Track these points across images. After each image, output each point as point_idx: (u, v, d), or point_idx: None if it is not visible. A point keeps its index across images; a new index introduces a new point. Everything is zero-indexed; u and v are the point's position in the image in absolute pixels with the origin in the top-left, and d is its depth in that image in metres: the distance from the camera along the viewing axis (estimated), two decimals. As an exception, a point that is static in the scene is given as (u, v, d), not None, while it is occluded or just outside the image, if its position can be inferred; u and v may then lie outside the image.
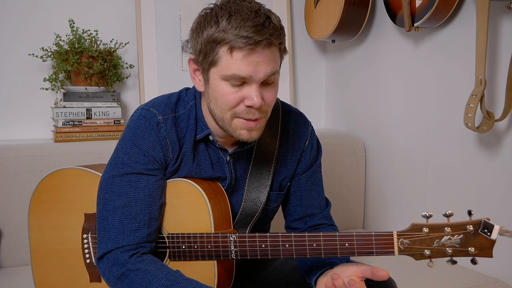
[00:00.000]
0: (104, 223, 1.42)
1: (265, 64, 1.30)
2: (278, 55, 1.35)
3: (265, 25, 1.27)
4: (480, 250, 1.22)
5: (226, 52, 1.29)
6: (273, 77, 1.34)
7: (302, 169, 1.61)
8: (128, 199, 1.41)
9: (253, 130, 1.37)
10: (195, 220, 1.45)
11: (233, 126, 1.37)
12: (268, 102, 1.36)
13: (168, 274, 1.34)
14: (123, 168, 1.43)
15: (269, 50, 1.29)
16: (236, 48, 1.27)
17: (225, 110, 1.36)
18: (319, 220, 1.63)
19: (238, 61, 1.28)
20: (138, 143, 1.43)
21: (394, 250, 1.27)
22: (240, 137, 1.38)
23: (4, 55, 2.45)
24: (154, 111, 1.46)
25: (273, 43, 1.29)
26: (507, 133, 1.90)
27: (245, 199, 1.55)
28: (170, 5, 2.64)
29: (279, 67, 1.38)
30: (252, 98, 1.31)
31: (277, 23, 1.31)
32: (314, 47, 3.01)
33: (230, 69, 1.29)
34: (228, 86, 1.32)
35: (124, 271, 1.36)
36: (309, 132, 1.61)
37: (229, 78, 1.31)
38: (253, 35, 1.26)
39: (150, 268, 1.36)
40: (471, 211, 1.21)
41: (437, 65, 2.19)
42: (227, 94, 1.33)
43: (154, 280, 1.33)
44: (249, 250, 1.39)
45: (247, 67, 1.28)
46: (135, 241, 1.39)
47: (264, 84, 1.34)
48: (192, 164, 1.49)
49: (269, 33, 1.27)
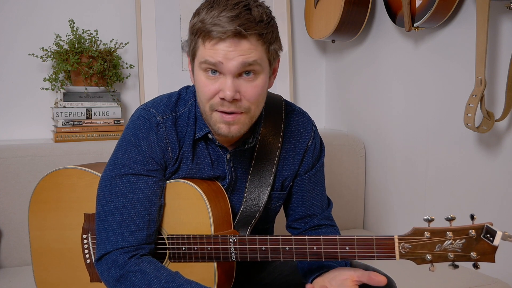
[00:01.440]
0: (103, 224, 1.42)
1: (237, 54, 1.29)
2: (258, 48, 1.32)
3: (239, 16, 1.28)
4: (482, 255, 1.21)
5: (201, 42, 1.32)
6: (251, 68, 1.32)
7: (304, 169, 1.60)
8: (127, 200, 1.41)
9: (231, 124, 1.36)
10: (195, 222, 1.45)
11: (212, 120, 1.37)
12: (248, 97, 1.34)
13: (168, 276, 1.34)
14: (122, 169, 1.43)
15: (240, 41, 1.29)
16: (208, 37, 1.29)
17: (204, 102, 1.37)
18: (320, 220, 1.63)
19: (209, 49, 1.30)
20: (137, 144, 1.43)
21: (395, 255, 1.26)
22: (219, 131, 1.38)
23: (4, 55, 2.44)
24: (154, 112, 1.46)
25: (243, 34, 1.28)
26: (507, 133, 1.90)
27: (246, 199, 1.54)
28: (170, 5, 2.64)
29: (263, 61, 1.35)
30: (224, 90, 1.31)
31: (257, 15, 1.30)
32: (314, 47, 3.01)
33: (203, 57, 1.31)
34: (205, 77, 1.34)
35: (123, 273, 1.36)
36: (312, 132, 1.61)
37: (204, 66, 1.32)
38: (224, 24, 1.27)
39: (149, 269, 1.35)
40: (473, 215, 1.20)
41: (437, 65, 2.19)
42: (204, 86, 1.34)
43: (154, 282, 1.33)
44: (249, 253, 1.39)
45: (216, 54, 1.29)
46: (134, 242, 1.39)
47: (243, 77, 1.33)
48: (192, 163, 1.49)
49: (239, 23, 1.27)
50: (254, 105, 1.37)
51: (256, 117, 1.42)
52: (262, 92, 1.38)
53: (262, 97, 1.40)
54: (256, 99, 1.37)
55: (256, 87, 1.35)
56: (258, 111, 1.41)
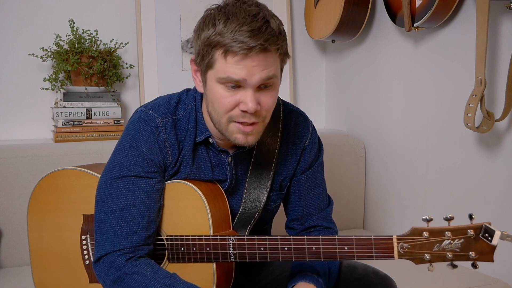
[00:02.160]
0: (102, 226, 1.41)
1: (260, 69, 1.28)
2: (276, 60, 1.33)
3: (261, 30, 1.26)
4: (481, 254, 1.21)
5: (221, 55, 1.29)
6: (271, 81, 1.33)
7: (302, 168, 1.60)
8: (126, 202, 1.40)
9: (249, 135, 1.36)
10: (194, 222, 1.45)
11: (229, 130, 1.37)
12: (266, 107, 1.35)
13: (165, 278, 1.34)
14: (121, 170, 1.42)
15: (264, 55, 1.28)
16: (230, 52, 1.27)
17: (221, 114, 1.35)
18: (316, 221, 1.62)
19: (232, 65, 1.28)
20: (137, 146, 1.43)
21: (394, 254, 1.26)
22: (236, 141, 1.37)
23: (4, 55, 2.45)
24: (154, 114, 1.45)
25: (268, 49, 1.28)
26: (507, 133, 1.90)
27: (245, 199, 1.54)
28: (170, 5, 2.64)
29: (279, 72, 1.36)
30: (246, 103, 1.30)
31: (275, 27, 1.30)
32: (314, 47, 3.01)
33: (225, 73, 1.29)
34: (224, 89, 1.32)
35: (120, 274, 1.36)
36: (310, 132, 1.61)
37: (223, 82, 1.31)
38: (247, 40, 1.25)
39: (146, 271, 1.35)
40: (472, 215, 1.20)
41: (437, 65, 2.19)
42: (223, 98, 1.33)
43: (150, 284, 1.33)
44: (248, 253, 1.39)
45: (240, 71, 1.28)
46: (133, 244, 1.39)
47: (261, 89, 1.33)
48: (192, 167, 1.49)
49: (264, 38, 1.26)
50: (269, 113, 1.39)
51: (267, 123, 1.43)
52: (276, 99, 1.41)
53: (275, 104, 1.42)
54: (272, 108, 1.39)
55: (273, 97, 1.37)
56: (269, 117, 1.42)
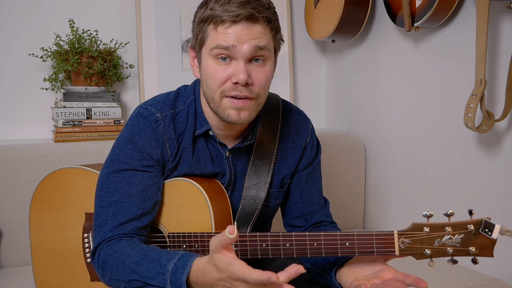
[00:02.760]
0: (99, 219, 1.42)
1: (249, 37, 1.32)
2: (267, 32, 1.36)
3: (250, 1, 1.32)
4: (481, 249, 1.21)
5: (212, 28, 1.34)
6: (262, 52, 1.35)
7: (303, 165, 1.61)
8: (121, 194, 1.41)
9: (242, 110, 1.37)
10: (196, 220, 1.45)
11: (222, 106, 1.38)
12: (258, 83, 1.37)
13: (140, 250, 1.33)
14: (118, 164, 1.43)
15: (253, 24, 1.32)
16: (220, 22, 1.32)
17: (214, 89, 1.37)
18: (321, 217, 1.63)
19: (221, 33, 1.32)
20: (134, 140, 1.44)
21: (395, 250, 1.27)
22: (229, 118, 1.38)
23: (4, 55, 2.45)
24: (152, 109, 1.46)
25: (255, 16, 1.31)
26: (507, 133, 1.90)
27: (244, 196, 1.54)
28: (170, 5, 2.64)
29: (271, 46, 1.39)
30: (237, 74, 1.32)
31: (265, 2, 1.36)
32: (314, 47, 3.02)
33: (215, 42, 1.33)
34: (216, 63, 1.35)
35: (104, 259, 1.36)
36: (310, 130, 1.63)
37: (215, 52, 1.34)
38: (236, 9, 1.30)
39: (123, 248, 1.34)
40: (471, 210, 1.21)
41: (437, 65, 2.19)
42: (215, 72, 1.35)
43: (127, 259, 1.31)
44: (250, 250, 1.39)
45: (230, 37, 1.31)
46: (122, 232, 1.39)
47: (253, 63, 1.36)
48: (192, 159, 1.49)
49: (251, 7, 1.31)
50: (263, 91, 1.40)
51: (262, 104, 1.44)
52: (270, 78, 1.41)
53: (269, 85, 1.43)
54: (265, 85, 1.40)
55: (265, 73, 1.38)
56: (264, 99, 1.43)
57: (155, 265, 1.26)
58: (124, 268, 1.31)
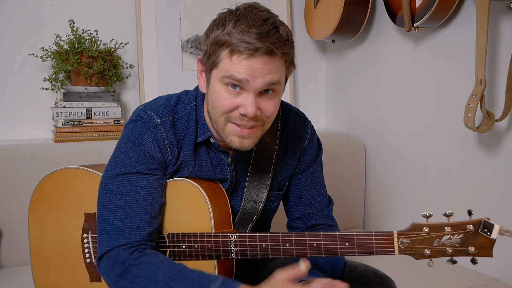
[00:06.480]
0: (105, 223, 1.41)
1: (264, 72, 1.29)
2: (282, 67, 1.33)
3: (269, 34, 1.27)
4: (480, 249, 1.22)
5: (227, 55, 1.29)
6: (273, 87, 1.33)
7: (301, 168, 1.61)
8: (128, 198, 1.40)
9: (245, 138, 1.36)
10: (195, 220, 1.45)
11: (225, 131, 1.37)
12: (267, 113, 1.35)
13: (173, 266, 1.34)
14: (123, 167, 1.43)
15: (270, 59, 1.28)
16: (236, 51, 1.27)
17: (219, 114, 1.35)
18: (319, 219, 1.63)
19: (237, 64, 1.28)
20: (137, 143, 1.43)
21: (394, 250, 1.27)
22: (231, 144, 1.38)
23: (4, 55, 2.45)
24: (152, 114, 1.46)
25: (274, 52, 1.28)
26: (507, 133, 1.90)
27: (245, 198, 1.55)
28: (170, 5, 2.64)
29: (283, 80, 1.37)
30: (246, 107, 1.31)
31: (284, 34, 1.31)
32: (314, 47, 3.02)
33: (228, 71, 1.30)
34: (225, 90, 1.33)
35: (126, 266, 1.35)
36: (309, 132, 1.61)
37: (226, 81, 1.31)
38: (255, 41, 1.26)
39: (153, 260, 1.35)
40: (471, 210, 1.21)
41: (437, 65, 2.19)
42: (224, 99, 1.33)
43: (159, 272, 1.32)
44: (250, 250, 1.39)
45: (244, 71, 1.28)
46: (136, 239, 1.39)
47: (263, 94, 1.33)
48: (194, 166, 1.49)
49: (271, 41, 1.27)
50: (270, 119, 1.39)
51: (267, 130, 1.43)
52: (278, 106, 1.40)
53: (277, 111, 1.41)
54: (274, 114, 1.39)
55: (274, 104, 1.36)
56: (270, 124, 1.42)
57: (194, 284, 1.28)
58: (155, 281, 1.31)
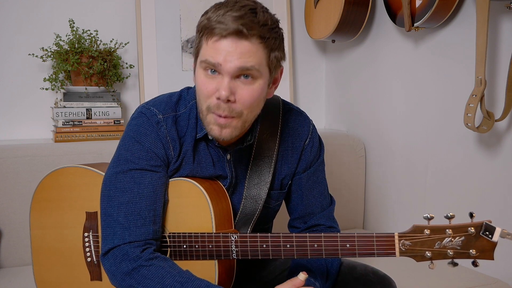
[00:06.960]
0: (109, 219, 1.41)
1: (237, 56, 1.29)
2: (259, 51, 1.32)
3: (243, 17, 1.28)
4: (482, 252, 1.21)
5: (205, 40, 1.32)
6: (250, 73, 1.32)
7: (302, 167, 1.60)
8: (132, 195, 1.41)
9: (224, 127, 1.36)
10: (196, 220, 1.45)
11: (207, 120, 1.38)
12: (241, 101, 1.34)
13: (181, 272, 1.35)
14: (126, 164, 1.43)
15: (240, 41, 1.29)
16: (210, 35, 1.30)
17: (202, 101, 1.37)
18: (319, 219, 1.62)
19: (210, 48, 1.30)
20: (140, 140, 1.44)
21: (395, 252, 1.27)
22: (211, 132, 1.39)
23: (4, 55, 2.44)
24: (155, 110, 1.46)
25: (243, 33, 1.28)
26: (507, 133, 1.90)
27: (245, 196, 1.54)
28: (170, 5, 2.64)
29: (263, 67, 1.34)
30: (219, 90, 1.31)
31: (262, 18, 1.30)
32: (314, 47, 3.01)
33: (204, 55, 1.32)
34: (204, 75, 1.34)
35: (136, 266, 1.35)
36: (310, 131, 1.61)
37: (204, 65, 1.33)
38: (228, 22, 1.27)
39: (163, 264, 1.35)
40: (472, 213, 1.21)
41: (437, 65, 2.19)
42: (203, 84, 1.35)
43: (168, 276, 1.32)
44: (250, 250, 1.39)
45: (216, 53, 1.29)
46: (142, 237, 1.39)
47: (240, 80, 1.33)
48: (193, 163, 1.49)
49: (242, 23, 1.27)
50: (247, 110, 1.37)
51: (249, 122, 1.42)
52: (257, 97, 1.37)
53: (257, 103, 1.39)
54: (250, 103, 1.36)
55: (252, 91, 1.34)
56: (251, 116, 1.40)
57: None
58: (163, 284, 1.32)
